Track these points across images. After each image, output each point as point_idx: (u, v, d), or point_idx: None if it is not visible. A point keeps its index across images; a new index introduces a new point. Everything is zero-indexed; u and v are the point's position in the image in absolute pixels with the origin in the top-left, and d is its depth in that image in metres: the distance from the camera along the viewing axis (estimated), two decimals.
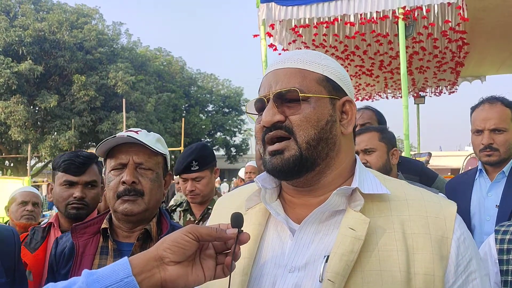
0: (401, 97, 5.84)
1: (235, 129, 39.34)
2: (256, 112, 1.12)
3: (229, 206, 1.20)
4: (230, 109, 39.73)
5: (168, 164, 1.81)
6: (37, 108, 26.22)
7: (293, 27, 6.25)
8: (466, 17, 5.38)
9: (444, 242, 0.99)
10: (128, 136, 1.63)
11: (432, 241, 0.99)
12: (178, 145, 25.02)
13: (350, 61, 8.16)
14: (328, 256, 0.98)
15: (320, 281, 0.96)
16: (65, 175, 2.14)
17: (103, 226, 1.70)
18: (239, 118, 39.24)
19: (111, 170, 1.67)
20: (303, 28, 6.28)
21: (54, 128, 25.84)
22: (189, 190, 2.80)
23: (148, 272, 0.89)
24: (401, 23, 5.60)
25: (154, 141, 1.70)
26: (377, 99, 10.71)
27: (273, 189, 1.14)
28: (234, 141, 39.78)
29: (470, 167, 2.84)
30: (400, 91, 7.17)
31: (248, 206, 1.14)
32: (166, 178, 1.80)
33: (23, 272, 1.81)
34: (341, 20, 6.01)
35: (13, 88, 24.22)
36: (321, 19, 5.96)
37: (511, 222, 1.72)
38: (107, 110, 27.10)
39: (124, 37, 32.09)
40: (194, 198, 2.84)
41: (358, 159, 1.15)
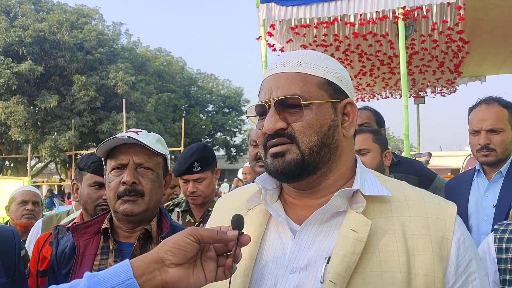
0: (401, 97, 5.84)
1: (235, 129, 39.38)
2: (257, 116, 1.12)
3: (230, 207, 1.20)
4: (230, 109, 39.78)
5: (169, 165, 1.82)
6: (37, 108, 26.24)
7: (293, 27, 6.25)
8: (464, 17, 5.37)
9: (444, 243, 1.00)
10: (128, 137, 1.64)
11: (433, 242, 0.99)
12: (178, 145, 25.04)
13: (350, 62, 8.16)
14: (329, 257, 0.98)
15: (321, 282, 0.96)
16: (95, 177, 2.12)
17: (104, 226, 1.70)
18: (239, 118, 39.27)
19: (112, 171, 1.67)
20: (303, 28, 6.28)
21: (54, 128, 25.85)
22: (191, 192, 2.75)
23: (149, 274, 0.89)
24: (401, 23, 5.60)
25: (154, 142, 1.71)
26: (377, 99, 10.71)
27: (274, 190, 1.14)
28: (234, 141, 39.84)
29: (470, 167, 2.85)
30: (400, 91, 7.17)
31: (249, 207, 1.14)
32: (167, 178, 1.80)
33: (23, 272, 1.81)
34: (341, 20, 6.01)
35: (13, 88, 24.24)
36: (321, 19, 5.96)
37: (510, 221, 1.72)
38: (107, 110, 27.12)
39: (124, 37, 32.17)
40: (196, 200, 2.80)
41: (359, 160, 1.15)
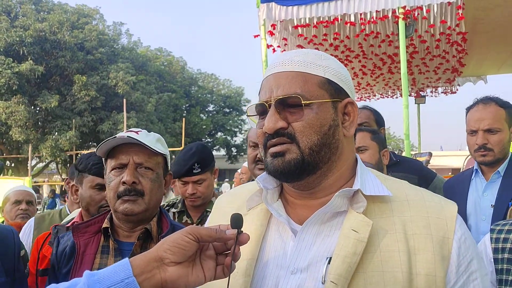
0: (402, 97, 5.84)
1: (236, 129, 39.37)
2: (257, 115, 1.12)
3: (230, 206, 1.20)
4: (231, 109, 39.77)
5: (169, 164, 1.82)
6: (38, 108, 26.24)
7: (296, 26, 6.25)
8: (463, 16, 5.37)
9: (445, 243, 1.00)
10: (128, 137, 1.64)
11: (434, 242, 0.99)
12: (179, 145, 25.04)
13: (350, 62, 8.16)
14: (330, 258, 0.98)
15: (323, 283, 0.96)
16: (97, 179, 2.11)
17: (104, 226, 1.70)
18: (240, 118, 39.26)
19: (112, 170, 1.68)
20: (303, 28, 6.28)
21: (55, 128, 25.86)
22: (190, 193, 2.69)
23: (149, 273, 0.89)
24: (401, 23, 5.60)
25: (154, 141, 1.71)
26: (377, 99, 10.71)
27: (274, 189, 1.14)
28: (235, 141, 39.82)
29: (470, 167, 2.84)
30: (401, 91, 7.17)
31: (250, 207, 1.14)
32: (167, 178, 1.80)
33: (23, 272, 1.82)
34: (341, 20, 6.01)
35: (14, 88, 24.25)
36: (321, 19, 5.96)
37: (506, 221, 1.72)
38: (108, 110, 27.13)
39: (125, 37, 32.18)
40: (195, 201, 2.73)
41: (359, 159, 1.14)
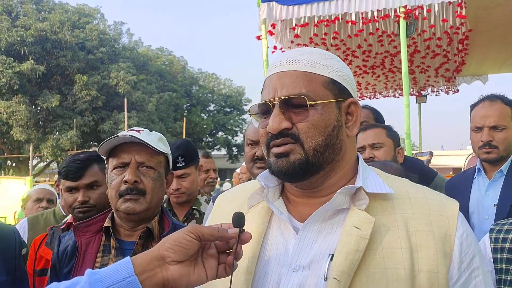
0: (403, 96, 5.84)
1: (237, 129, 39.33)
2: (260, 114, 1.11)
3: (231, 204, 1.19)
4: (232, 109, 39.74)
5: (170, 163, 1.82)
6: (39, 108, 26.26)
7: (294, 27, 6.24)
8: (465, 15, 5.36)
9: (447, 240, 1.00)
10: (130, 136, 1.64)
11: (436, 239, 0.99)
12: None
13: (350, 61, 8.15)
14: (333, 255, 0.98)
15: (325, 280, 0.96)
16: (66, 182, 2.16)
17: (106, 225, 1.70)
18: (241, 118, 39.21)
19: (113, 169, 1.68)
20: (304, 27, 6.27)
21: (56, 128, 25.87)
22: (175, 189, 2.62)
23: (150, 272, 0.89)
24: (402, 22, 5.60)
25: (156, 140, 1.71)
26: (378, 98, 10.69)
27: (276, 188, 1.14)
28: (236, 141, 39.76)
29: (472, 166, 2.83)
30: (402, 90, 7.16)
31: (251, 205, 1.14)
32: (168, 177, 1.80)
33: (24, 271, 1.82)
34: (342, 19, 6.00)
35: (15, 88, 24.26)
36: (322, 18, 5.95)
37: (506, 221, 1.71)
38: (109, 110, 27.13)
39: (126, 37, 32.15)
40: (180, 197, 2.66)
41: (361, 157, 1.15)
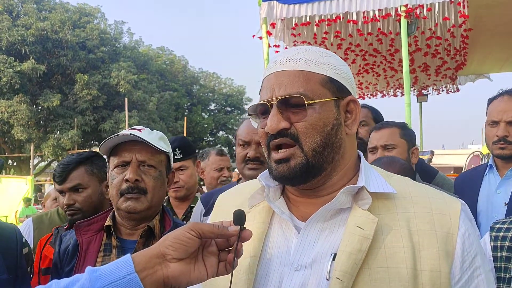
0: (404, 95, 5.84)
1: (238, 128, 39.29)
2: (259, 114, 1.11)
3: (231, 204, 1.19)
4: (233, 108, 39.71)
5: (171, 162, 1.82)
6: (40, 107, 26.27)
7: (294, 26, 6.24)
8: (467, 14, 5.36)
9: (450, 239, 1.00)
10: (131, 134, 1.64)
11: (438, 238, 0.99)
12: None
13: (352, 60, 8.15)
14: (335, 254, 0.98)
15: (327, 279, 0.96)
16: (56, 185, 2.20)
17: (107, 224, 1.70)
18: (242, 117, 39.15)
19: (115, 168, 1.68)
20: (305, 26, 6.27)
21: (57, 127, 25.88)
22: (173, 182, 2.63)
23: (151, 269, 0.89)
24: (404, 21, 5.60)
25: (157, 139, 1.71)
26: (375, 98, 10.70)
27: (277, 187, 1.14)
28: None
29: (473, 165, 2.80)
30: (403, 89, 7.16)
31: (252, 204, 1.14)
32: (169, 176, 1.80)
33: (25, 270, 1.82)
34: (343, 18, 6.00)
35: (16, 88, 24.26)
36: (323, 17, 5.95)
37: (506, 219, 1.71)
38: (110, 109, 27.13)
39: (126, 36, 32.17)
40: (178, 191, 2.65)
41: (362, 156, 1.14)
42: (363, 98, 10.57)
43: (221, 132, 39.29)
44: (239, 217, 0.94)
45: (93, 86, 25.91)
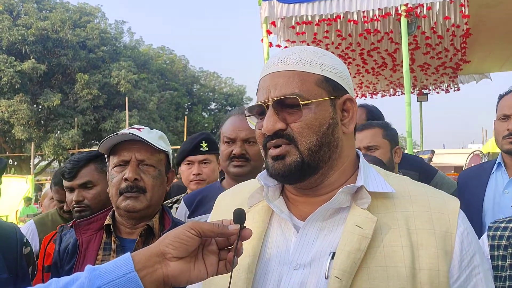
0: (404, 94, 5.84)
1: None
2: (257, 115, 1.11)
3: (231, 203, 1.19)
4: (233, 107, 39.64)
5: (171, 162, 1.82)
6: (40, 107, 26.29)
7: (294, 26, 6.24)
8: (468, 14, 5.36)
9: (448, 238, 1.00)
10: (131, 134, 1.64)
11: (436, 237, 0.99)
12: (181, 144, 25.02)
13: (353, 60, 8.14)
14: (334, 253, 0.98)
15: (326, 278, 0.96)
16: (65, 182, 2.19)
17: (106, 223, 1.71)
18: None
19: (114, 167, 1.68)
20: (305, 25, 6.27)
21: (57, 127, 25.90)
22: (195, 173, 2.58)
23: (150, 268, 0.89)
24: (404, 20, 5.60)
25: (157, 138, 1.71)
26: (374, 97, 10.69)
27: (276, 187, 1.14)
28: None
29: (474, 165, 2.76)
30: (403, 88, 7.16)
31: (251, 204, 1.14)
32: (169, 175, 1.80)
33: (26, 269, 1.82)
34: (344, 18, 6.00)
35: (16, 87, 24.28)
36: (323, 17, 5.95)
37: (504, 219, 1.71)
38: (110, 109, 27.15)
39: (127, 36, 32.21)
40: (199, 183, 2.60)
41: (361, 155, 1.14)
42: (365, 97, 10.56)
43: None
44: (239, 216, 0.94)
45: (94, 86, 25.93)
